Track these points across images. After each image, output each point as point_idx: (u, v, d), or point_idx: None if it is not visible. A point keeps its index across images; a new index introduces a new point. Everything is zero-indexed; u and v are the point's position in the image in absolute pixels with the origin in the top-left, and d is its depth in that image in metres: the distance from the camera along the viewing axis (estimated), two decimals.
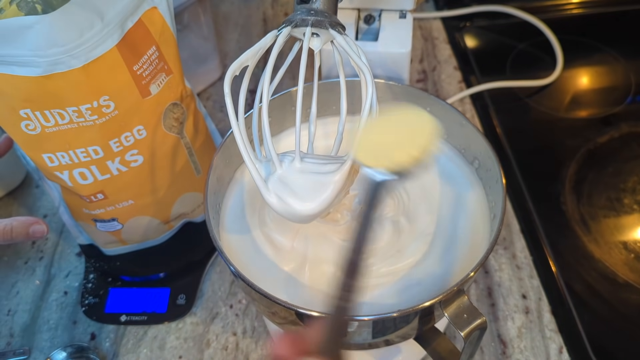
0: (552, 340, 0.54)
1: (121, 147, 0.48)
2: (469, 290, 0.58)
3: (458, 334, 0.39)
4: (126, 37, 0.44)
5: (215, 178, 0.47)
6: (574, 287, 0.56)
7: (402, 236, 0.47)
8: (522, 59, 0.78)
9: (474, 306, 0.39)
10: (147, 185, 0.53)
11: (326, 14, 0.40)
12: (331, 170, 0.38)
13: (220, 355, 0.54)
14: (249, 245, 0.47)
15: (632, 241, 0.60)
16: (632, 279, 0.57)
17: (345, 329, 0.37)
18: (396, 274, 0.45)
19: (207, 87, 0.77)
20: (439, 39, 0.83)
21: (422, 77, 0.78)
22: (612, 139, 0.69)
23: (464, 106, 0.74)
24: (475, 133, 0.48)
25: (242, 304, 0.58)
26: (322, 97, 0.49)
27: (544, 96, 0.74)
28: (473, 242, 0.47)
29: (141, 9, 0.45)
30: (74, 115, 0.44)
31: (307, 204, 0.38)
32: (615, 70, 0.77)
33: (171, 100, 0.50)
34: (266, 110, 0.38)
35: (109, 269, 0.60)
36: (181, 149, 0.54)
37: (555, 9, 0.85)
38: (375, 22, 0.62)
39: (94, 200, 0.52)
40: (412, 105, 0.52)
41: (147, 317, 0.56)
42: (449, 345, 0.44)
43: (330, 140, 0.54)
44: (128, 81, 0.45)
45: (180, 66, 0.50)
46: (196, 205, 0.60)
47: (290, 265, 0.46)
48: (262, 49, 0.40)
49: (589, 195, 0.63)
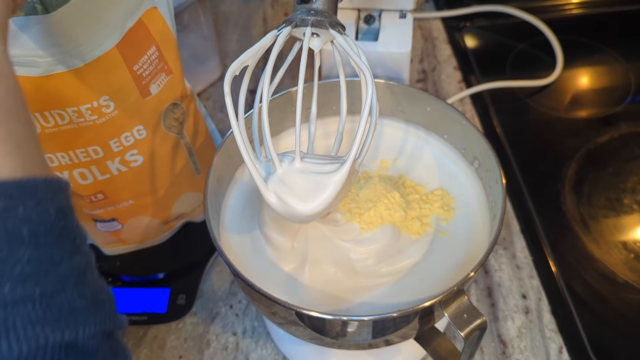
0: (552, 340, 0.54)
1: (121, 147, 0.48)
2: (469, 290, 0.58)
3: (458, 334, 0.39)
4: (126, 37, 0.44)
5: (215, 178, 0.47)
6: (574, 287, 0.56)
7: (402, 236, 0.47)
8: (522, 59, 0.78)
9: (474, 306, 0.39)
10: (147, 185, 0.53)
11: (326, 14, 0.40)
12: (331, 170, 0.38)
13: (220, 355, 0.54)
14: (249, 245, 0.47)
15: (632, 241, 0.60)
16: (632, 279, 0.57)
17: None
18: (396, 274, 0.45)
19: (207, 87, 0.77)
20: (439, 39, 0.83)
21: (422, 77, 0.78)
22: (612, 139, 0.69)
23: (464, 106, 0.74)
24: (475, 133, 0.48)
25: (242, 304, 0.58)
26: (322, 97, 0.49)
27: (544, 96, 0.74)
28: (473, 242, 0.47)
29: (141, 9, 0.45)
30: (74, 115, 0.44)
31: (307, 204, 0.38)
32: (615, 70, 0.77)
33: (171, 100, 0.50)
34: (266, 110, 0.38)
35: (109, 269, 0.60)
36: (181, 149, 0.54)
37: (555, 9, 0.85)
38: (375, 22, 0.62)
39: (94, 200, 0.52)
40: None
41: (147, 317, 0.56)
42: (449, 345, 0.44)
43: (330, 140, 0.54)
44: (128, 81, 0.45)
45: (180, 66, 0.50)
46: (196, 205, 0.60)
47: (290, 265, 0.46)
48: (262, 49, 0.40)
49: (589, 195, 0.63)
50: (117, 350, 0.28)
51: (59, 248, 0.26)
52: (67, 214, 0.27)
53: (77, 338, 0.25)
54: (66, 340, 0.24)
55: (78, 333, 0.25)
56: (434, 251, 0.46)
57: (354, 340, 0.42)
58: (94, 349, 0.26)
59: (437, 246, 0.47)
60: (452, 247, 0.46)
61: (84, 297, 0.26)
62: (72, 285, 0.26)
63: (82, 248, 0.28)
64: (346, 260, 0.46)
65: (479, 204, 0.49)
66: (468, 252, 0.46)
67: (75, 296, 0.26)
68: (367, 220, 0.47)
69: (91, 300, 0.27)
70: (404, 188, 0.50)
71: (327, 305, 0.43)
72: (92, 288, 0.27)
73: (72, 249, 0.27)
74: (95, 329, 0.26)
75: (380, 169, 0.53)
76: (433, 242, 0.47)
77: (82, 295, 0.26)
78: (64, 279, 0.25)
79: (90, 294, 0.27)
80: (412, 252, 0.46)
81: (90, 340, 0.26)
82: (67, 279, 0.26)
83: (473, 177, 0.51)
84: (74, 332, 0.25)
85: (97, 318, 0.26)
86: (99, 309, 0.27)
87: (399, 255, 0.46)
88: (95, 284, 0.28)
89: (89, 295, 0.27)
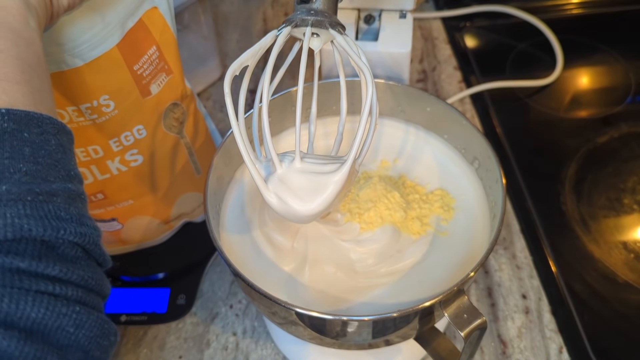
0: (552, 340, 0.54)
1: (121, 146, 0.48)
2: (469, 290, 0.58)
3: (458, 334, 0.39)
4: (126, 36, 0.44)
5: (215, 178, 0.47)
6: (574, 287, 0.56)
7: (402, 236, 0.47)
8: (522, 59, 0.78)
9: (474, 306, 0.39)
10: (147, 185, 0.53)
11: (326, 13, 0.40)
12: (331, 170, 0.38)
13: (220, 355, 0.54)
14: (249, 245, 0.47)
15: (632, 241, 0.60)
16: (632, 279, 0.57)
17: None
18: (396, 274, 0.45)
19: (207, 87, 0.77)
20: (439, 39, 0.83)
21: (422, 77, 0.78)
22: (612, 139, 0.69)
23: (464, 106, 0.74)
24: (475, 133, 0.48)
25: (242, 304, 0.58)
26: (322, 97, 0.49)
27: (544, 96, 0.74)
28: (473, 242, 0.47)
29: (142, 9, 0.45)
30: (74, 114, 0.44)
31: (307, 204, 0.38)
32: (615, 70, 0.77)
33: (171, 100, 0.50)
34: (266, 110, 0.38)
35: (109, 269, 0.59)
36: (181, 149, 0.54)
37: (555, 9, 0.85)
38: (375, 22, 0.62)
39: (94, 200, 0.52)
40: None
41: (147, 317, 0.56)
42: (449, 345, 0.44)
43: (330, 140, 0.54)
44: (128, 81, 0.45)
45: (181, 66, 0.50)
46: (196, 205, 0.60)
47: (290, 265, 0.46)
48: (262, 49, 0.40)
49: (589, 195, 0.63)
50: (95, 269, 0.30)
51: (54, 171, 0.29)
52: (66, 152, 0.31)
53: (57, 240, 0.28)
54: (47, 237, 0.27)
55: (58, 234, 0.28)
56: (434, 251, 0.46)
57: (354, 340, 0.42)
58: (72, 257, 0.29)
59: (437, 246, 0.47)
60: (452, 247, 0.46)
61: (69, 213, 0.29)
62: (61, 201, 0.29)
63: (76, 182, 0.31)
64: (346, 260, 0.46)
65: (479, 204, 0.49)
66: (468, 252, 0.46)
67: (62, 209, 0.28)
68: (367, 220, 0.47)
69: (76, 218, 0.29)
70: (404, 188, 0.50)
71: (327, 305, 0.43)
72: (80, 212, 0.30)
73: (67, 176, 0.30)
74: (75, 239, 0.29)
75: (380, 169, 0.53)
76: (433, 242, 0.47)
77: (67, 211, 0.29)
78: (55, 193, 0.29)
79: (76, 214, 0.29)
80: (412, 252, 0.46)
81: (70, 248, 0.29)
82: (57, 195, 0.29)
83: (473, 177, 0.51)
84: (55, 232, 0.27)
85: (78, 230, 0.29)
86: (82, 226, 0.29)
87: (399, 255, 0.46)
88: (84, 212, 0.30)
89: (75, 214, 0.29)
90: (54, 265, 0.27)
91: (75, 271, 0.28)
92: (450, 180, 0.51)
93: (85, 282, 0.29)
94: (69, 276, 0.28)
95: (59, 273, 0.27)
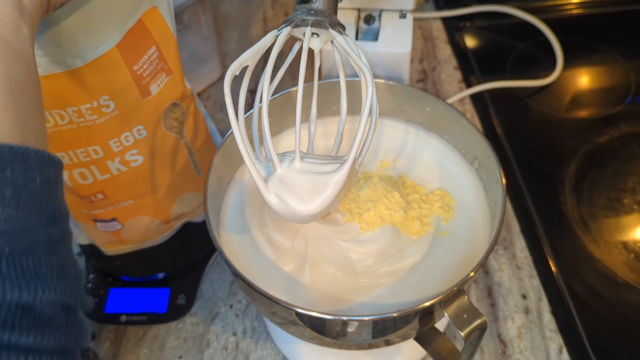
0: (552, 340, 0.54)
1: (121, 147, 0.48)
2: (469, 290, 0.58)
3: (458, 334, 0.39)
4: (126, 37, 0.44)
5: (215, 178, 0.47)
6: (574, 287, 0.56)
7: (402, 236, 0.47)
8: (522, 59, 0.78)
9: (474, 306, 0.39)
10: (147, 185, 0.53)
11: (326, 13, 0.40)
12: (331, 170, 0.38)
13: (220, 355, 0.54)
14: (249, 245, 0.47)
15: (632, 241, 0.60)
16: (632, 279, 0.57)
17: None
18: (396, 274, 0.45)
19: (207, 87, 0.77)
20: (439, 39, 0.83)
21: (422, 77, 0.78)
22: (612, 139, 0.69)
23: (464, 106, 0.74)
24: (475, 133, 0.48)
25: (242, 304, 0.58)
26: (322, 97, 0.49)
27: (544, 96, 0.74)
28: (473, 242, 0.47)
29: (141, 9, 0.45)
30: (74, 115, 0.44)
31: (307, 204, 0.38)
32: (615, 70, 0.77)
33: (171, 100, 0.50)
34: (266, 110, 0.38)
35: (109, 269, 0.60)
36: (181, 149, 0.54)
37: (555, 9, 0.85)
38: (375, 22, 0.62)
39: (94, 200, 0.52)
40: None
41: (147, 317, 0.56)
42: (449, 345, 0.44)
43: (330, 140, 0.54)
44: (128, 81, 0.45)
45: (181, 66, 0.50)
46: (196, 205, 0.60)
47: (290, 265, 0.46)
48: (262, 49, 0.40)
49: (589, 195, 0.63)
50: (73, 323, 0.28)
51: (37, 215, 0.27)
52: (52, 187, 0.29)
53: (35, 301, 0.26)
54: (24, 300, 0.25)
55: (37, 295, 0.26)
56: (434, 251, 0.46)
57: (354, 340, 0.42)
58: (50, 317, 0.27)
59: (437, 246, 0.47)
60: (452, 247, 0.46)
61: (50, 266, 0.27)
62: (42, 252, 0.27)
63: (61, 222, 0.29)
64: (346, 260, 0.46)
65: (479, 204, 0.49)
66: (468, 252, 0.46)
67: (42, 262, 0.27)
68: (367, 220, 0.47)
69: (57, 271, 0.27)
70: (404, 188, 0.50)
71: (327, 305, 0.43)
72: (61, 261, 0.28)
73: (50, 219, 0.28)
74: (54, 297, 0.27)
75: (380, 169, 0.53)
76: (433, 242, 0.47)
77: (48, 264, 0.27)
78: (35, 244, 0.26)
79: (57, 265, 0.27)
80: (412, 252, 0.46)
81: (48, 307, 0.26)
82: (38, 245, 0.27)
83: (473, 177, 0.51)
84: (33, 294, 0.26)
85: (59, 287, 0.27)
86: (63, 280, 0.28)
87: (399, 255, 0.46)
88: (66, 259, 0.29)
89: (57, 265, 0.27)
90: (28, 334, 0.25)
91: (51, 335, 0.26)
92: (450, 180, 0.51)
93: (60, 346, 0.27)
94: (44, 344, 0.26)
95: (32, 342, 0.25)
